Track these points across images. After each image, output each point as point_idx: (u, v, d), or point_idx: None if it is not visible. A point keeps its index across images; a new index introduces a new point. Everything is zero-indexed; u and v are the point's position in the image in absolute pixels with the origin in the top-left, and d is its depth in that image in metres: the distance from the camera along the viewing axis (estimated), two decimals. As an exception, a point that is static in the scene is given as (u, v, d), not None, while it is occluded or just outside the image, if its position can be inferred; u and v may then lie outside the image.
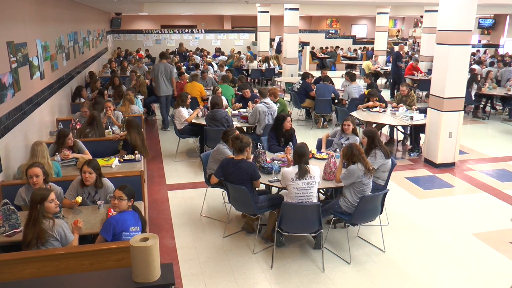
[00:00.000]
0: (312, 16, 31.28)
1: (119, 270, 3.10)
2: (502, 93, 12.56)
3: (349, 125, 6.76)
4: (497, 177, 8.10)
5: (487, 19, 28.04)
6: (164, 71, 10.71)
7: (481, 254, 5.46)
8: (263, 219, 5.82)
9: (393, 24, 33.43)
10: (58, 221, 3.95)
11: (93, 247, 3.74)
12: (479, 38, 29.31)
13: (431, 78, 8.69)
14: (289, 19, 15.87)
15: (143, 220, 4.27)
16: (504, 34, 27.81)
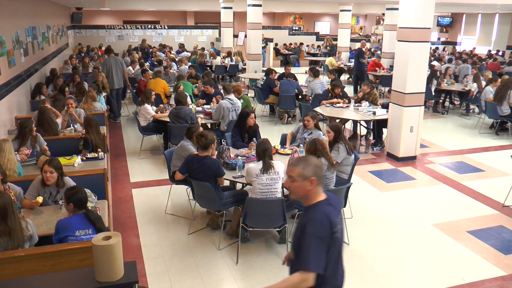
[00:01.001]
0: (275, 12, 31.41)
1: (82, 270, 3.06)
2: (460, 88, 12.98)
3: (309, 120, 6.81)
4: (456, 169, 8.37)
5: (445, 18, 28.90)
6: (115, 64, 11.08)
7: (441, 244, 5.66)
8: (228, 215, 5.84)
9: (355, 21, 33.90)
10: (28, 221, 3.88)
11: (54, 247, 3.66)
12: (438, 36, 30.17)
13: (393, 74, 8.89)
14: (252, 15, 15.89)
15: (97, 222, 3.99)
16: (461, 32, 28.74)
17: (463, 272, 5.04)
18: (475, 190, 7.42)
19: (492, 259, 5.32)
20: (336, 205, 2.82)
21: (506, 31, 25.32)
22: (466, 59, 18.79)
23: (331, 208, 2.74)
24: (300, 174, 2.69)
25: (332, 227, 2.64)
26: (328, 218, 2.66)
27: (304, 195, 2.74)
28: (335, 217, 2.73)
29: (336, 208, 2.80)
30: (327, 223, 2.64)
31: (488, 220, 6.35)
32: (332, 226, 2.65)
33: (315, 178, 2.68)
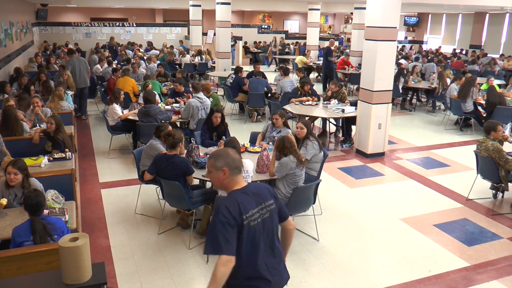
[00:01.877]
0: (244, 11, 31.39)
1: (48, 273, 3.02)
2: (426, 86, 13.28)
3: (277, 119, 6.80)
4: (423, 165, 8.57)
5: (412, 17, 29.50)
6: (78, 64, 11.05)
7: (408, 237, 5.79)
8: (198, 214, 5.83)
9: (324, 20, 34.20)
10: None
11: (19, 251, 3.57)
12: (405, 35, 30.75)
13: (361, 72, 9.02)
14: (221, 13, 15.85)
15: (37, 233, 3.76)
16: (427, 31, 29.40)
17: (430, 265, 5.17)
18: (441, 185, 7.62)
19: (457, 251, 5.48)
20: (255, 194, 2.91)
21: (468, 31, 26.04)
22: (432, 58, 19.20)
23: (245, 196, 2.86)
24: (212, 165, 2.89)
25: (241, 214, 2.76)
26: (237, 205, 2.77)
27: (221, 185, 2.93)
28: (248, 204, 2.83)
29: (253, 196, 2.89)
30: (234, 209, 2.76)
31: (453, 214, 6.54)
32: (241, 213, 2.76)
33: (226, 168, 2.85)
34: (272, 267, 2.97)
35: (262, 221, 2.89)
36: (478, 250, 5.53)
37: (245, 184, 2.93)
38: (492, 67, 17.55)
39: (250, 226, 2.81)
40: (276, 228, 3.03)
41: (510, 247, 5.65)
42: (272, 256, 2.98)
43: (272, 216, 2.97)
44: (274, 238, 3.01)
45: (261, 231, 2.89)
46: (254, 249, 2.87)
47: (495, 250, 5.54)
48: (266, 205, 2.94)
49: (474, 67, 17.53)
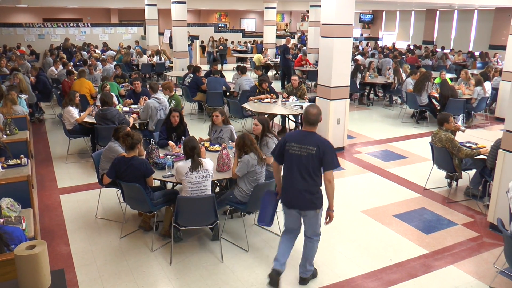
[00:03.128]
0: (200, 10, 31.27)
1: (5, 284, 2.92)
2: (383, 81, 13.60)
3: (218, 116, 6.70)
4: (381, 158, 8.78)
5: (367, 15, 30.12)
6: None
7: (369, 229, 5.94)
8: (160, 215, 5.78)
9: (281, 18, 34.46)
10: None
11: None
12: (361, 32, 31.36)
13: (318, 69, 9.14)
14: (177, 12, 15.76)
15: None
16: (382, 28, 30.10)
17: (391, 254, 5.32)
18: (399, 176, 7.83)
19: (416, 240, 5.66)
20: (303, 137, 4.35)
21: (421, 27, 26.84)
22: (387, 54, 19.67)
23: (295, 134, 4.51)
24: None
25: (286, 141, 4.38)
26: (288, 136, 4.45)
27: None
28: (293, 139, 4.37)
29: (300, 137, 4.35)
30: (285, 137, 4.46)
31: (411, 204, 6.74)
32: (286, 141, 4.37)
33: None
34: (294, 188, 4.34)
35: (300, 154, 4.27)
36: (435, 237, 5.73)
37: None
38: (444, 62, 18.15)
39: (289, 151, 4.32)
40: (310, 166, 4.26)
41: (465, 232, 5.88)
42: (299, 182, 4.30)
43: (309, 156, 4.24)
44: (306, 172, 4.28)
45: (294, 160, 4.29)
46: (289, 169, 4.37)
47: (451, 237, 5.75)
48: (306, 147, 4.25)
49: (427, 61, 18.08)
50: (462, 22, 24.42)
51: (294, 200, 4.37)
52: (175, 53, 16.44)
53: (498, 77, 12.68)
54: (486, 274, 4.95)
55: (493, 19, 22.25)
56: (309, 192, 4.31)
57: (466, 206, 6.72)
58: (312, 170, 4.27)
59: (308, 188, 4.29)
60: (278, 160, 4.47)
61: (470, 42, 24.02)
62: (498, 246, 5.45)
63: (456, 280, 4.85)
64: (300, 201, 4.34)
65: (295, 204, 4.40)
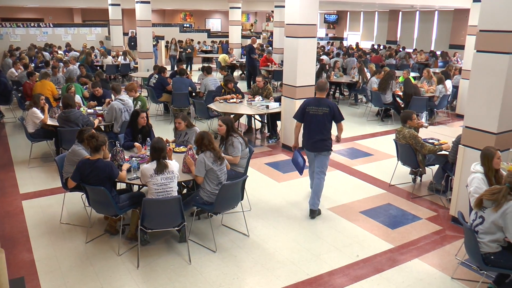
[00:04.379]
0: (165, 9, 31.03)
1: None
2: (348, 80, 13.78)
3: (180, 122, 6.62)
4: (348, 156, 8.90)
5: (331, 15, 30.50)
6: None
7: (336, 226, 6.00)
8: (126, 218, 5.69)
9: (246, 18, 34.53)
10: None
11: None
12: (326, 32, 31.72)
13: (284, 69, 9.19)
14: (141, 12, 15.60)
15: None
16: (347, 28, 30.55)
17: (358, 250, 5.39)
18: (365, 173, 7.95)
19: (382, 235, 5.76)
20: (318, 102, 6.19)
21: (385, 27, 27.38)
22: (352, 53, 19.95)
23: (312, 100, 6.31)
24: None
25: (306, 105, 6.23)
26: (307, 102, 6.30)
27: None
28: (311, 103, 6.23)
29: (317, 102, 6.20)
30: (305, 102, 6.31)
31: (377, 200, 6.86)
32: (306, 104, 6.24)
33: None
34: (312, 137, 6.19)
35: (316, 114, 6.11)
36: (400, 232, 5.84)
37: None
38: (408, 61, 18.56)
39: (310, 113, 6.14)
40: (325, 122, 6.11)
41: (429, 226, 6.02)
42: (317, 133, 6.13)
43: (324, 115, 6.09)
44: (322, 125, 6.11)
45: (315, 119, 6.13)
46: (308, 124, 6.21)
47: (416, 231, 5.88)
48: (322, 109, 6.09)
49: (391, 61, 18.44)
50: (423, 23, 25.02)
51: (314, 146, 6.20)
52: (140, 53, 16.25)
53: (458, 75, 13.07)
54: (448, 265, 5.08)
55: (452, 19, 22.90)
56: (324, 140, 6.14)
57: (430, 200, 6.88)
58: (326, 125, 6.11)
59: (323, 137, 6.12)
60: (299, 119, 6.35)
61: (431, 42, 24.64)
62: (460, 238, 5.60)
63: (420, 272, 4.96)
64: (318, 146, 6.17)
65: (314, 149, 6.22)
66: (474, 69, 5.69)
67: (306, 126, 6.25)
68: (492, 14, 5.38)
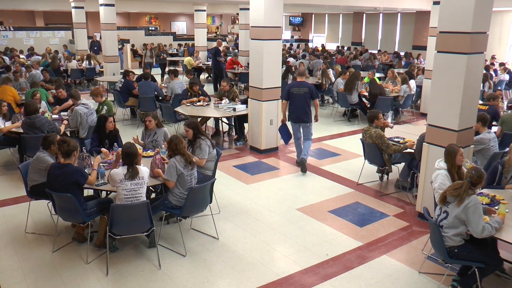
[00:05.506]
0: (130, 12, 30.69)
1: None
2: (314, 81, 13.89)
3: (151, 120, 6.65)
4: (316, 156, 8.99)
5: (297, 17, 30.77)
6: None
7: (305, 226, 6.05)
8: (94, 225, 5.60)
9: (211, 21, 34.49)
10: None
11: None
12: (292, 34, 31.98)
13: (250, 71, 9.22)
14: (106, 15, 15.38)
15: None
16: (312, 31, 30.88)
17: (327, 249, 5.46)
18: (333, 173, 8.05)
19: (351, 233, 5.84)
20: (300, 85, 8.11)
21: (349, 29, 27.79)
22: (318, 55, 20.18)
23: (296, 83, 8.16)
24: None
25: (290, 88, 8.09)
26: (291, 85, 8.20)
27: None
28: (295, 86, 8.07)
29: (300, 85, 8.10)
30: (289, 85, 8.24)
31: (345, 199, 6.95)
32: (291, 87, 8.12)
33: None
34: (296, 112, 8.01)
35: (299, 93, 7.97)
36: (369, 230, 5.95)
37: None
38: (373, 62, 18.90)
39: (293, 93, 7.98)
40: (306, 99, 8.00)
41: (396, 223, 6.15)
42: (301, 108, 7.99)
43: (304, 94, 7.96)
44: (304, 102, 7.98)
45: (297, 97, 7.97)
46: (292, 102, 8.06)
47: (384, 228, 6.00)
48: (302, 89, 7.99)
49: (356, 62, 18.74)
50: (387, 25, 25.52)
51: (299, 119, 8.07)
52: (105, 57, 16.02)
53: (422, 75, 13.41)
54: (415, 260, 5.20)
55: (414, 21, 23.46)
56: (306, 113, 8.04)
57: (397, 198, 7.02)
58: (307, 102, 8.01)
59: (305, 111, 8.03)
60: (286, 98, 8.13)
61: (395, 43, 25.15)
62: (426, 233, 5.73)
63: (389, 268, 5.05)
64: (302, 118, 8.04)
65: (299, 120, 8.09)
66: (435, 69, 5.85)
67: (292, 104, 8.08)
68: (451, 16, 5.55)
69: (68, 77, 16.31)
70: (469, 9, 5.34)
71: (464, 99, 5.58)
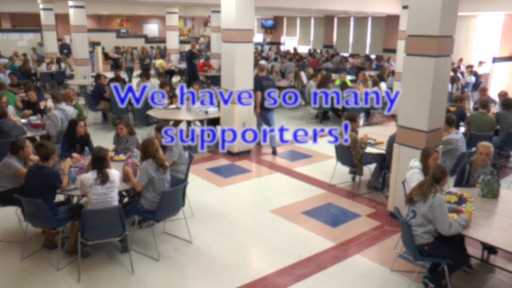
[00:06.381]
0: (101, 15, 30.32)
1: None
2: (286, 84, 14.01)
3: (122, 128, 6.53)
4: (288, 158, 9.04)
5: (268, 20, 30.94)
6: None
7: (279, 227, 6.08)
8: (66, 232, 5.50)
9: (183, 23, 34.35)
10: None
11: None
12: (264, 37, 32.12)
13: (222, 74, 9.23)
14: (76, 17, 15.17)
15: None
16: (284, 33, 31.10)
17: (300, 250, 5.49)
18: (306, 175, 8.11)
19: (324, 234, 5.90)
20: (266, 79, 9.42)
21: (321, 32, 28.08)
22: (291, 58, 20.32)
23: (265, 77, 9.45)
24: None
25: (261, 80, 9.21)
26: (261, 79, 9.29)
27: None
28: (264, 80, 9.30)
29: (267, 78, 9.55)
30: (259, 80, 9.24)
31: (318, 200, 7.01)
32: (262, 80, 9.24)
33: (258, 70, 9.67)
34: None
35: (268, 85, 9.13)
36: (342, 230, 6.01)
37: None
38: (344, 65, 19.14)
39: (264, 85, 9.07)
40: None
41: (368, 223, 6.24)
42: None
43: (271, 86, 9.25)
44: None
45: (266, 89, 9.06)
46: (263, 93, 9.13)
47: (356, 228, 6.08)
48: (269, 82, 9.26)
49: (328, 64, 18.95)
50: (358, 28, 25.88)
51: (268, 107, 9.10)
52: (76, 60, 15.77)
53: (392, 77, 13.64)
54: (387, 259, 5.29)
55: (385, 25, 23.87)
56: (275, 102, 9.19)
57: (369, 198, 7.12)
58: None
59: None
60: (259, 90, 8.99)
61: (366, 46, 25.52)
62: (397, 232, 5.83)
63: (361, 267, 5.13)
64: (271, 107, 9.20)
65: (268, 109, 9.13)
66: (405, 72, 5.98)
67: (262, 94, 9.02)
68: (419, 20, 5.68)
69: (38, 81, 15.99)
70: (436, 14, 5.49)
71: (433, 101, 5.72)
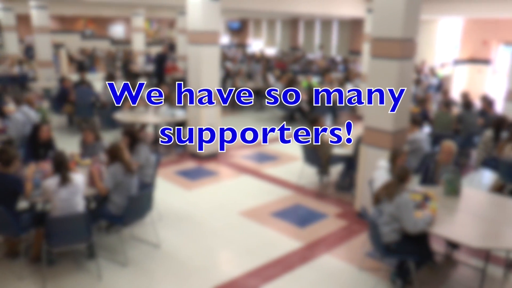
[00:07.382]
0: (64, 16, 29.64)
1: None
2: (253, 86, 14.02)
3: (88, 135, 6.35)
4: (255, 159, 9.06)
5: (235, 22, 30.96)
6: None
7: (247, 229, 6.09)
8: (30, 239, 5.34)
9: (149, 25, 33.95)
10: None
11: None
12: (230, 39, 32.13)
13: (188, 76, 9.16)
14: (38, 18, 14.80)
15: None
16: (250, 35, 31.20)
17: (269, 251, 5.51)
18: (273, 176, 8.14)
19: (292, 234, 5.93)
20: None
21: (287, 35, 28.31)
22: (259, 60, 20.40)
23: None
24: None
25: None
26: None
27: None
28: None
29: None
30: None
31: (286, 201, 7.05)
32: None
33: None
34: None
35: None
36: (310, 230, 6.06)
37: None
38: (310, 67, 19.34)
39: None
40: None
41: (336, 222, 6.32)
42: None
43: None
44: None
45: None
46: None
47: (324, 228, 6.14)
48: None
49: (294, 66, 19.10)
50: (324, 31, 26.18)
51: None
52: (39, 62, 15.37)
53: (358, 79, 13.86)
54: (356, 258, 5.36)
55: (351, 28, 24.24)
56: None
57: (336, 198, 7.21)
58: None
59: None
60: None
61: (332, 48, 25.84)
62: (365, 231, 5.93)
63: (330, 267, 5.18)
64: None
65: None
66: (370, 73, 6.09)
67: None
68: (383, 23, 5.81)
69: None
70: (399, 17, 5.62)
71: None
